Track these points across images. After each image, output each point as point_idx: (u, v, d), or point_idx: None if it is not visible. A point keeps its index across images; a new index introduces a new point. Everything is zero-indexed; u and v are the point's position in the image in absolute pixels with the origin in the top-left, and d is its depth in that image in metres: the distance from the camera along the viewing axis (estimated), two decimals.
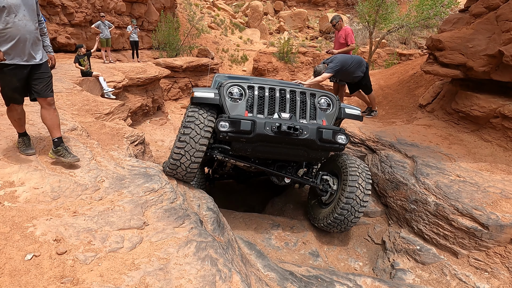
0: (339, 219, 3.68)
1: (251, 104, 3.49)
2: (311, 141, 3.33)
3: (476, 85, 5.47)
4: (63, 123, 4.13)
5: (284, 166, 4.02)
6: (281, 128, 3.21)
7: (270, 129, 3.25)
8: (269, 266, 3.14)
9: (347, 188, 3.60)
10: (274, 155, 3.61)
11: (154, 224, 2.54)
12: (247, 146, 3.42)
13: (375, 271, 3.68)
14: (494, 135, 4.87)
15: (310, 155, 3.55)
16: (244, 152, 3.50)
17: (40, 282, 1.81)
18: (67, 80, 6.98)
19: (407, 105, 7.00)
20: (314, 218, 4.16)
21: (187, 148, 3.27)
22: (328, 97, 3.70)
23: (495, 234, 3.14)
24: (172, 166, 3.41)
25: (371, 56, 14.28)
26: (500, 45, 4.66)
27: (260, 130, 3.24)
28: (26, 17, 2.74)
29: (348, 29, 6.33)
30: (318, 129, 3.35)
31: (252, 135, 3.26)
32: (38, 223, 2.27)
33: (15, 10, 2.67)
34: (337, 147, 3.47)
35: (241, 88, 3.51)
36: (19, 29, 2.71)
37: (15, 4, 2.67)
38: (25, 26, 2.74)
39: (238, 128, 3.22)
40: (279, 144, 3.38)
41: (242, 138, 3.30)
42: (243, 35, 23.23)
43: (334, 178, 3.98)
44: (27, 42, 2.77)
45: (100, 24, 11.00)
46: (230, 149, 3.55)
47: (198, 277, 2.09)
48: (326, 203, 4.04)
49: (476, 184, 3.70)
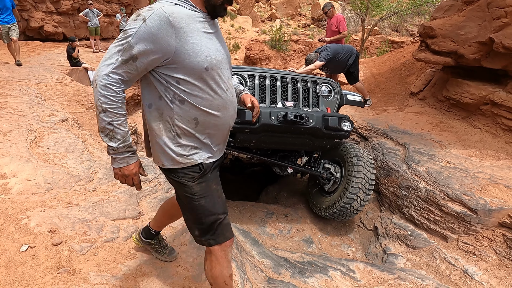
0: (346, 208, 3.64)
1: (252, 93, 3.35)
2: (317, 129, 3.27)
3: (467, 72, 5.52)
4: (53, 114, 4.08)
5: (286, 156, 3.96)
6: (287, 117, 3.13)
7: (275, 119, 3.16)
8: (263, 253, 3.19)
9: (353, 178, 3.55)
10: (279, 145, 3.54)
11: (149, 214, 2.55)
12: (251, 137, 3.31)
13: (368, 256, 3.76)
14: (484, 122, 4.95)
15: (315, 143, 3.50)
16: (248, 143, 3.38)
17: (37, 273, 1.82)
18: (56, 70, 6.86)
19: (399, 92, 7.04)
20: (316, 207, 4.11)
21: None
22: (329, 83, 3.63)
23: (484, 219, 3.22)
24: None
25: (363, 43, 14.27)
26: (491, 32, 4.69)
27: (265, 120, 3.15)
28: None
29: (340, 17, 6.30)
30: (323, 117, 3.28)
31: (257, 126, 3.15)
32: (32, 214, 2.27)
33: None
34: (343, 134, 3.43)
35: (241, 77, 3.39)
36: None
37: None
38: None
39: (242, 119, 3.09)
40: (284, 134, 3.30)
41: (247, 129, 3.19)
42: (235, 23, 22.94)
43: (336, 166, 3.93)
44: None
45: (88, 12, 10.75)
46: (233, 141, 3.43)
47: (194, 265, 2.12)
48: (328, 192, 4.00)
49: (466, 170, 3.77)
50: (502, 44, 4.45)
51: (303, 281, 2.80)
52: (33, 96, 4.69)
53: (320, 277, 2.90)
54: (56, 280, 1.80)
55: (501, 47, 4.47)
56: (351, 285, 2.90)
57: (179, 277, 2.00)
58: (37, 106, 4.26)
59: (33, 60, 7.84)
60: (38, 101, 4.48)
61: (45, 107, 4.30)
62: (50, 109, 4.25)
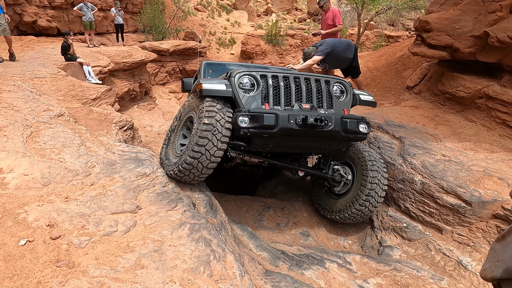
0: (360, 210, 3.58)
1: (265, 95, 3.18)
2: (336, 132, 3.14)
3: (462, 66, 5.55)
4: (49, 109, 4.05)
5: (297, 159, 3.85)
6: (307, 121, 2.97)
7: (294, 122, 2.99)
8: (261, 246, 3.22)
9: (368, 184, 3.50)
10: (295, 149, 3.41)
11: (147, 208, 2.56)
12: (268, 142, 3.13)
13: (364, 249, 3.80)
14: (478, 115, 4.99)
15: (332, 146, 3.38)
16: (264, 148, 3.22)
17: (36, 266, 1.83)
18: (51, 65, 6.80)
19: (395, 86, 7.07)
20: (326, 209, 4.01)
21: (208, 146, 2.89)
22: (341, 83, 3.50)
23: (478, 210, 3.27)
24: (186, 167, 2.97)
25: (360, 38, 14.26)
26: (486, 26, 4.71)
27: (284, 124, 2.97)
28: None
29: (336, 10, 6.28)
30: (342, 119, 3.16)
31: (275, 130, 2.97)
32: (30, 209, 2.27)
33: None
34: (361, 137, 3.34)
35: (253, 78, 3.19)
36: None
37: None
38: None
39: (261, 123, 2.93)
40: (301, 138, 3.16)
41: (265, 134, 3.02)
42: (231, 18, 22.80)
43: (346, 168, 3.84)
44: None
45: (83, 6, 10.62)
46: (248, 145, 3.23)
47: (192, 258, 2.14)
48: (338, 194, 3.91)
49: (460, 163, 3.82)
50: (497, 38, 4.47)
51: (301, 273, 2.84)
52: (28, 91, 4.66)
53: (317, 269, 2.94)
54: (56, 273, 1.81)
55: (496, 40, 4.50)
56: (348, 277, 2.94)
57: (178, 269, 2.01)
58: (32, 101, 4.23)
59: (27, 55, 7.76)
60: (33, 96, 4.45)
61: (41, 102, 4.27)
62: (46, 104, 4.23)
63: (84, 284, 1.76)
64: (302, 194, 4.71)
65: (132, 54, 10.33)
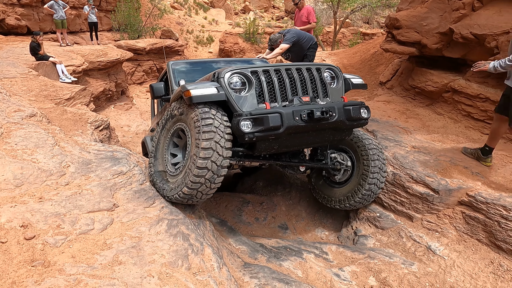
0: (367, 194, 3.62)
1: (259, 93, 2.91)
2: (340, 122, 3.00)
3: (430, 62, 5.80)
4: (20, 110, 3.95)
5: (296, 155, 3.71)
6: (313, 115, 2.79)
7: (300, 119, 2.78)
8: (240, 240, 3.29)
9: (370, 174, 3.52)
10: (300, 146, 3.27)
11: (124, 206, 2.56)
12: (273, 144, 2.89)
13: (340, 239, 3.94)
14: (446, 108, 5.24)
15: (335, 136, 3.24)
16: (270, 150, 2.98)
17: (10, 267, 1.82)
18: (21, 65, 6.59)
19: (368, 82, 7.28)
20: (327, 199, 3.95)
21: (214, 157, 2.56)
22: (331, 69, 3.33)
23: (445, 198, 3.45)
24: (193, 186, 2.60)
25: (336, 35, 14.55)
26: (451, 23, 4.95)
27: (289, 122, 2.73)
28: None
29: (310, 8, 6.41)
30: (344, 108, 3.04)
31: (281, 130, 2.72)
32: (2, 210, 2.23)
33: None
34: (363, 122, 3.23)
35: (243, 77, 2.90)
36: None
37: None
38: None
39: (267, 125, 2.66)
40: (307, 133, 2.99)
41: (271, 136, 2.75)
42: (208, 16, 22.67)
43: (343, 154, 3.80)
44: None
45: (54, 4, 10.29)
46: (251, 150, 2.98)
47: (171, 252, 2.17)
48: (339, 182, 3.88)
49: (429, 153, 4.01)
50: (461, 34, 4.71)
51: (279, 264, 2.92)
52: None
53: (294, 260, 3.03)
54: (31, 272, 1.80)
55: (460, 37, 4.73)
56: (324, 266, 3.05)
57: (156, 264, 2.04)
58: (1, 101, 4.11)
59: None
60: (2, 97, 4.31)
61: (11, 103, 4.16)
62: (17, 105, 4.12)
63: (60, 282, 1.77)
64: (281, 188, 4.81)
65: (107, 53, 10.13)
